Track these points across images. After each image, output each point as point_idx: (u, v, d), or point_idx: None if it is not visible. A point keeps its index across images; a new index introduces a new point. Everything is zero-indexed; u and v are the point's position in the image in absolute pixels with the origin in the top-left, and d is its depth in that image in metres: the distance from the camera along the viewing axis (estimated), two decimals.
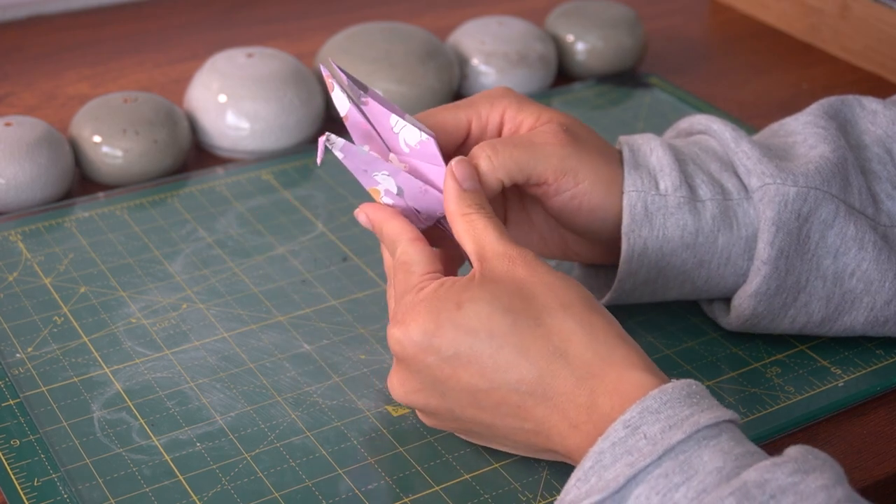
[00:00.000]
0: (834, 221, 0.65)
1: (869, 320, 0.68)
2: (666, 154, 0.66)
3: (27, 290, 0.73)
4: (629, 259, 0.65)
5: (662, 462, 0.51)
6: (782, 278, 0.66)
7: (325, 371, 0.67)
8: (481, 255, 0.59)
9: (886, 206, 0.68)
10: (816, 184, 0.65)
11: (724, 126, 0.68)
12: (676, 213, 0.65)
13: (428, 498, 0.60)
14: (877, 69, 1.03)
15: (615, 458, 0.52)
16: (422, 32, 0.94)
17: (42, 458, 0.61)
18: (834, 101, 0.71)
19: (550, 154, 0.63)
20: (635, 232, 0.65)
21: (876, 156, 0.69)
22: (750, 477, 0.49)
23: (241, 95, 0.86)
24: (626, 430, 0.52)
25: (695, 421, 0.52)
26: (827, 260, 0.66)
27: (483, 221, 0.60)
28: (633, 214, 0.65)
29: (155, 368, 0.67)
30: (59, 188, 0.81)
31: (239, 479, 0.60)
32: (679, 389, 0.53)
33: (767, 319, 0.68)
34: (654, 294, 0.68)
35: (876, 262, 0.66)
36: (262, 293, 0.73)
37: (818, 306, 0.67)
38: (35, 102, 0.95)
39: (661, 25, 1.11)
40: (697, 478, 0.50)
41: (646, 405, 0.53)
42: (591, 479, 0.52)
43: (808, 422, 0.66)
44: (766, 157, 0.66)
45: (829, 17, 1.06)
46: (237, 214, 0.81)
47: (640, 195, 0.65)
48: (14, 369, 0.67)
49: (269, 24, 1.09)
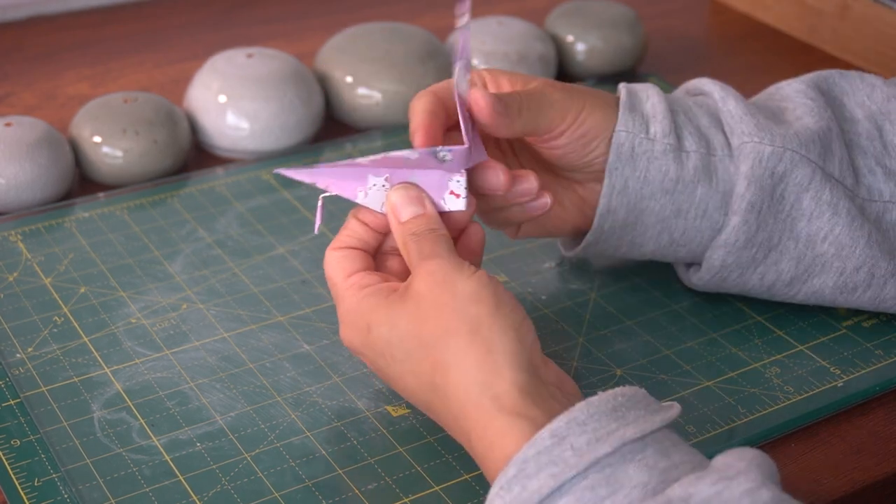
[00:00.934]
0: (810, 185, 0.67)
1: (838, 285, 0.69)
2: (661, 102, 0.68)
3: (27, 290, 0.73)
4: (609, 194, 0.67)
5: (588, 474, 0.51)
6: (753, 232, 0.67)
7: (325, 371, 0.68)
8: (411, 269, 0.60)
9: (867, 181, 0.69)
10: (793, 146, 0.67)
11: (714, 86, 0.71)
12: (661, 159, 0.67)
13: (428, 498, 0.60)
14: (877, 69, 1.02)
15: (539, 467, 0.52)
16: (422, 32, 0.94)
17: (42, 458, 0.61)
18: (833, 73, 0.73)
19: (552, 101, 0.66)
20: (619, 170, 0.67)
21: (865, 130, 0.71)
22: (674, 493, 0.49)
23: (241, 95, 0.86)
24: (553, 440, 0.52)
25: (620, 435, 0.52)
26: (801, 223, 0.68)
27: (413, 243, 0.61)
28: (620, 153, 0.67)
29: (155, 368, 0.67)
30: (59, 188, 0.81)
31: (239, 479, 0.60)
32: (606, 402, 0.53)
33: (736, 273, 0.69)
34: (632, 244, 0.70)
35: (849, 228, 0.67)
36: (262, 293, 0.73)
37: (788, 266, 0.68)
38: (35, 102, 0.95)
39: (661, 25, 1.11)
40: (623, 492, 0.50)
41: (573, 416, 0.52)
42: (513, 488, 0.52)
43: (808, 422, 0.66)
44: (747, 116, 0.68)
45: (829, 17, 1.06)
46: (237, 214, 0.81)
47: (628, 136, 0.67)
48: (14, 369, 0.67)
49: (269, 24, 1.09)
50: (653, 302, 0.74)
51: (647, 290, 0.75)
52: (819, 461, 0.64)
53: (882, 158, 0.69)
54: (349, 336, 0.61)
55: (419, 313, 0.58)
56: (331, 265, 0.62)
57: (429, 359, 0.57)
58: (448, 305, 0.57)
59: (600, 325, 0.72)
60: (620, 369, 0.68)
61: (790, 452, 0.64)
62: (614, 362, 0.69)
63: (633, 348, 0.70)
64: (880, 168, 0.69)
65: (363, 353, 0.61)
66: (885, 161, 0.69)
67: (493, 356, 0.56)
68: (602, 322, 0.72)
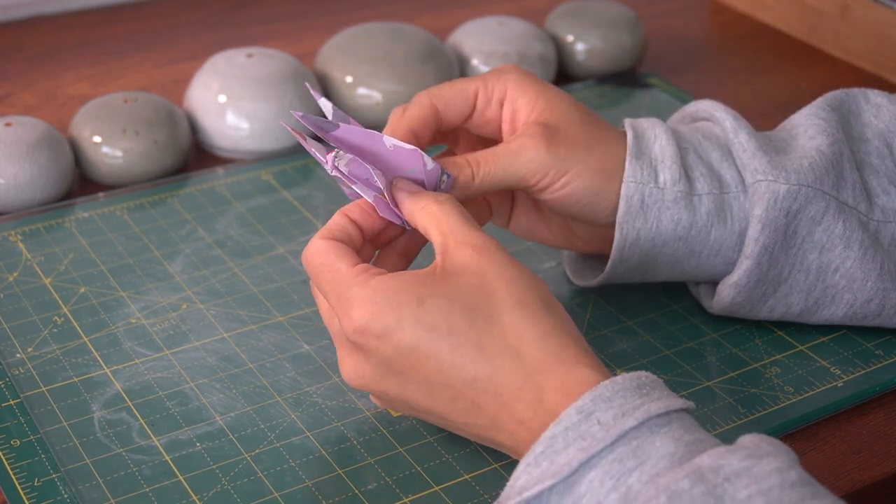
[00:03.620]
0: (823, 218, 0.66)
1: (848, 315, 0.69)
2: (669, 143, 0.67)
3: (27, 290, 0.73)
4: (621, 248, 0.67)
5: (615, 447, 0.52)
6: (764, 272, 0.67)
7: (325, 371, 0.68)
8: (445, 246, 0.59)
9: (881, 201, 0.68)
10: (809, 181, 0.66)
11: (726, 114, 0.69)
12: (672, 208, 0.66)
13: (428, 498, 0.60)
14: (877, 69, 1.03)
15: (567, 442, 0.52)
16: (422, 32, 0.94)
17: (42, 458, 0.61)
18: (839, 94, 0.72)
19: (529, 160, 0.65)
20: (629, 223, 0.66)
21: (876, 149, 0.70)
22: (703, 462, 0.50)
23: (241, 95, 0.86)
24: (580, 416, 0.53)
25: (646, 409, 0.52)
26: (812, 255, 0.67)
27: (442, 209, 0.60)
28: (630, 205, 0.66)
29: (155, 368, 0.67)
30: (59, 188, 0.81)
31: (239, 479, 0.60)
32: (630, 380, 0.54)
33: (746, 308, 0.69)
34: (644, 277, 0.70)
35: (860, 262, 0.67)
36: (261, 293, 0.74)
37: (798, 298, 0.68)
38: (35, 102, 0.95)
39: (661, 25, 1.11)
40: (650, 462, 0.51)
41: (598, 393, 0.53)
42: (541, 463, 0.53)
43: (808, 422, 0.66)
44: (760, 151, 0.67)
45: (829, 17, 1.06)
46: (237, 214, 0.81)
47: (638, 187, 0.66)
48: (14, 369, 0.67)
49: (269, 24, 1.09)
50: (653, 302, 0.74)
51: (648, 290, 0.75)
52: (819, 461, 0.64)
53: (894, 177, 0.69)
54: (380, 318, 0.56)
55: (486, 283, 0.57)
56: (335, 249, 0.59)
57: (497, 326, 0.56)
58: (515, 279, 0.57)
59: (600, 325, 0.72)
60: (620, 369, 0.68)
61: None
62: (614, 362, 0.69)
63: (633, 348, 0.70)
64: (893, 187, 0.68)
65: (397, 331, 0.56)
66: None
67: (568, 326, 0.57)
68: (602, 322, 0.72)
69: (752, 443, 0.52)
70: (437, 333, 0.56)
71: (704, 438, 0.53)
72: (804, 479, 0.50)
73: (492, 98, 0.67)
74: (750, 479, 0.49)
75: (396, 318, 0.56)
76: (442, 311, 0.56)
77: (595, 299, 0.74)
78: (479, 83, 0.67)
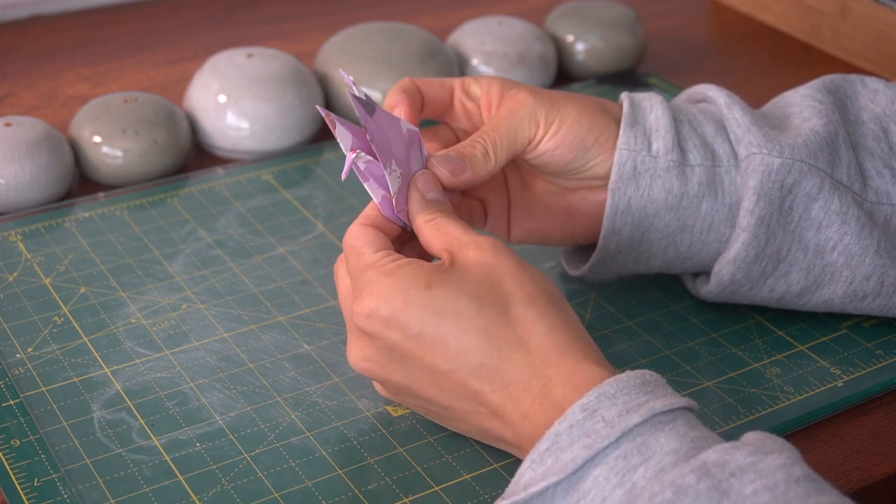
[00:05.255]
0: (818, 195, 0.67)
1: (847, 294, 0.69)
2: (664, 114, 0.68)
3: (27, 290, 0.73)
4: (613, 215, 0.67)
5: (620, 444, 0.52)
6: (762, 247, 0.67)
7: (324, 371, 0.68)
8: (451, 248, 0.60)
9: (875, 183, 0.69)
10: (802, 156, 0.66)
11: (719, 92, 0.70)
12: (664, 176, 0.67)
13: (428, 498, 0.60)
14: (877, 69, 1.03)
15: (572, 440, 0.52)
16: (422, 32, 0.94)
17: (42, 459, 0.61)
18: (836, 78, 0.73)
19: (522, 116, 0.66)
20: (621, 189, 0.67)
21: (872, 132, 0.70)
22: (709, 457, 0.50)
23: (241, 95, 0.86)
24: (584, 413, 0.53)
25: (650, 406, 0.53)
26: (809, 232, 0.67)
27: (448, 221, 0.61)
28: (622, 172, 0.67)
29: (155, 369, 0.67)
30: (59, 188, 0.81)
31: (239, 479, 0.60)
32: (634, 378, 0.55)
33: (746, 287, 0.69)
34: (638, 260, 0.70)
35: (858, 237, 0.67)
36: (261, 293, 0.74)
37: (798, 277, 0.68)
38: (35, 102, 0.95)
39: (661, 25, 1.11)
40: (655, 458, 0.51)
41: (602, 391, 0.54)
42: (546, 460, 0.53)
43: (808, 422, 0.66)
44: (755, 126, 0.67)
45: (829, 17, 1.06)
46: (237, 214, 0.81)
47: (630, 154, 0.67)
48: (14, 369, 0.67)
49: (269, 24, 1.09)
50: (653, 302, 0.74)
51: (648, 290, 0.75)
52: (819, 461, 0.63)
53: (889, 160, 0.69)
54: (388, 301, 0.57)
55: (494, 276, 0.58)
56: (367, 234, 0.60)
57: (507, 316, 0.57)
58: (522, 274, 0.58)
59: (600, 325, 0.72)
60: (620, 369, 0.68)
61: None
62: (614, 362, 0.69)
63: (633, 348, 0.70)
64: (888, 170, 0.69)
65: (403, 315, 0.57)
66: (892, 163, 0.69)
67: (574, 322, 0.58)
68: (602, 322, 0.72)
69: (756, 439, 0.52)
70: (444, 318, 0.57)
71: (709, 435, 0.53)
72: (809, 476, 0.50)
73: (469, 88, 0.68)
74: (756, 475, 0.49)
75: (404, 303, 0.57)
76: (449, 297, 0.57)
77: (595, 299, 0.74)
78: (456, 82, 0.69)
